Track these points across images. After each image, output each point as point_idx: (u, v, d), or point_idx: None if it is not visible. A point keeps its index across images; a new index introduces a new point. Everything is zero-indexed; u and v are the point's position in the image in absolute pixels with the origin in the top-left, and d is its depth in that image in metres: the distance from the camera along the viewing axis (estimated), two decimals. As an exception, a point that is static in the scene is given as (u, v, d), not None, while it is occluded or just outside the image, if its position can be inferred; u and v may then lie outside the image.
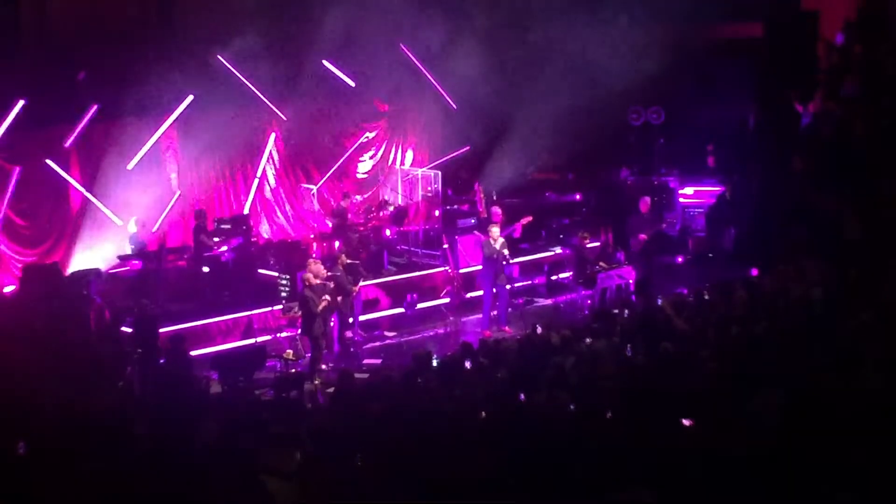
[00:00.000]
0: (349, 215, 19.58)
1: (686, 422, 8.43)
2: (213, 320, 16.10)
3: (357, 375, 12.46)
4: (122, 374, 13.48)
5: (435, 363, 12.06)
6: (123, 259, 17.05)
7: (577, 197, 21.65)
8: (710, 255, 19.73)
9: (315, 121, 20.51)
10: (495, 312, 16.64)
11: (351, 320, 16.03)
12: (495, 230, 16.52)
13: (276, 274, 17.66)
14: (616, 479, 7.02)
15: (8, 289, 16.45)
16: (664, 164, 21.65)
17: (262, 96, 18.64)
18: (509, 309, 16.89)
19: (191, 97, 17.77)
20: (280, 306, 16.39)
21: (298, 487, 8.24)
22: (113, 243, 17.76)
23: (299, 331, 15.14)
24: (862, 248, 16.47)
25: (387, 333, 16.80)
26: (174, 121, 18.02)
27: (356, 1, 18.41)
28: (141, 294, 15.70)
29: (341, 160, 20.81)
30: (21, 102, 16.18)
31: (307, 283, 14.76)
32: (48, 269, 16.20)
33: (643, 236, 17.66)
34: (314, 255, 17.12)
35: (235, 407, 12.26)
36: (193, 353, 14.32)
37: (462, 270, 18.50)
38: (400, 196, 19.99)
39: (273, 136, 20.00)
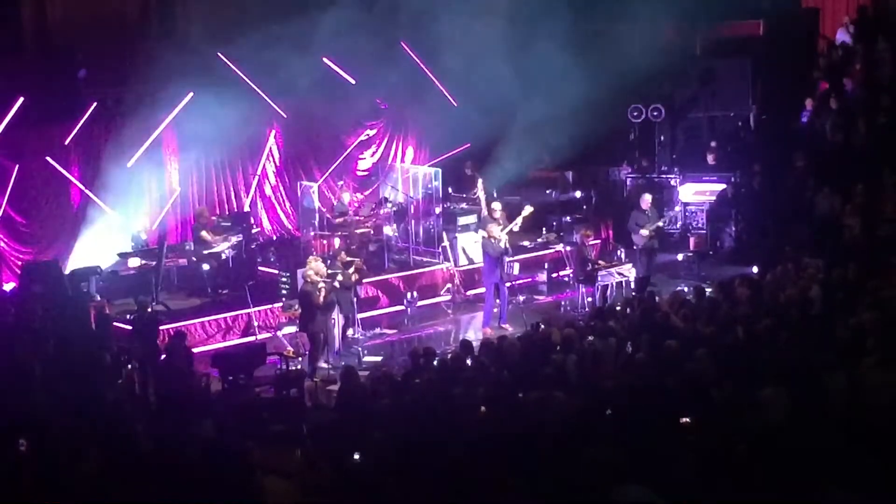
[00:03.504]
0: (349, 213, 19.58)
1: (684, 420, 8.44)
2: (213, 318, 16.09)
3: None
4: (122, 372, 13.48)
5: (434, 362, 12.04)
6: (123, 256, 17.04)
7: (578, 194, 21.64)
8: (711, 252, 19.72)
9: (315, 118, 20.50)
10: (496, 310, 16.64)
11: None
12: (496, 229, 16.50)
13: (276, 271, 17.67)
14: (615, 477, 7.01)
15: (8, 286, 16.43)
16: (665, 161, 21.65)
17: (262, 93, 18.63)
18: (510, 306, 16.89)
19: (190, 94, 17.74)
20: (280, 304, 16.39)
21: (299, 486, 8.23)
22: (113, 241, 17.76)
23: (299, 328, 15.16)
24: (862, 246, 16.47)
25: (387, 331, 16.80)
26: (174, 118, 17.99)
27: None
28: (141, 291, 15.69)
29: (341, 157, 20.80)
30: (21, 99, 16.16)
31: (307, 281, 14.77)
32: (48, 267, 16.19)
33: (644, 233, 17.64)
34: (314, 253, 17.12)
35: (236, 405, 12.27)
36: (194, 350, 14.34)
37: (462, 268, 18.52)
38: (400, 194, 19.98)
39: (273, 133, 19.99)
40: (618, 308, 14.34)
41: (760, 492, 6.95)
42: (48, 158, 17.01)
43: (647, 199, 18.05)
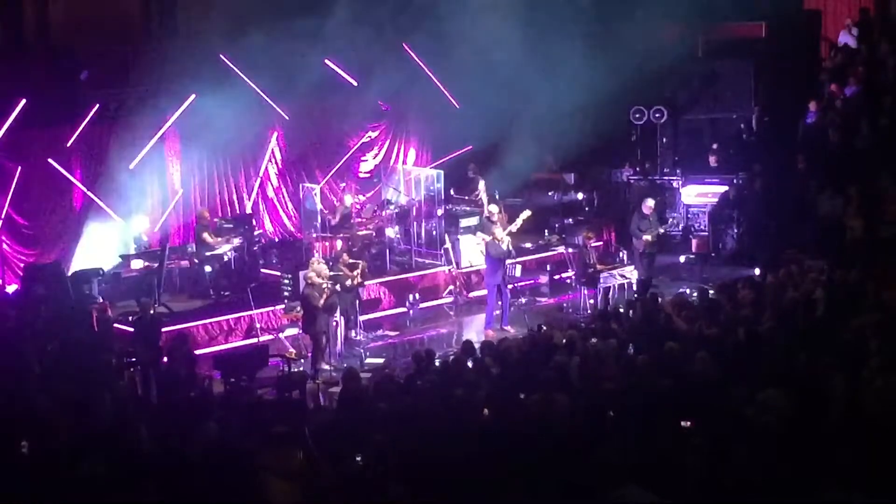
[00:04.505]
0: (351, 215, 19.58)
1: (685, 423, 8.43)
2: (215, 320, 16.10)
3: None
4: (124, 374, 13.48)
5: (437, 363, 12.04)
6: (125, 258, 17.05)
7: (580, 196, 21.64)
8: (713, 254, 19.71)
9: (317, 120, 20.51)
10: (498, 312, 16.63)
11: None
12: (498, 230, 16.48)
13: (278, 273, 17.67)
14: (616, 478, 7.02)
15: (10, 288, 16.44)
16: (667, 163, 21.64)
17: (264, 95, 18.64)
18: (512, 308, 16.88)
19: (193, 96, 17.75)
20: (282, 305, 16.39)
21: (300, 487, 8.23)
22: (115, 242, 17.78)
23: (301, 330, 15.17)
24: (864, 247, 16.46)
25: (389, 333, 16.81)
26: (176, 120, 18.01)
27: (358, -1, 18.45)
28: (143, 294, 15.69)
29: (344, 159, 20.82)
30: (23, 101, 16.16)
31: (309, 283, 14.78)
32: (50, 269, 16.20)
33: (647, 238, 17.62)
34: (316, 255, 17.13)
35: (238, 406, 12.26)
36: (196, 352, 14.33)
37: (463, 270, 18.52)
38: (402, 196, 19.99)
39: (275, 135, 20.00)
40: (620, 310, 14.34)
41: (761, 492, 6.95)
42: (50, 160, 17.02)
43: (649, 203, 18.01)
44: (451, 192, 20.17)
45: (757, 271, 16.58)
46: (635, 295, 16.67)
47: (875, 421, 7.93)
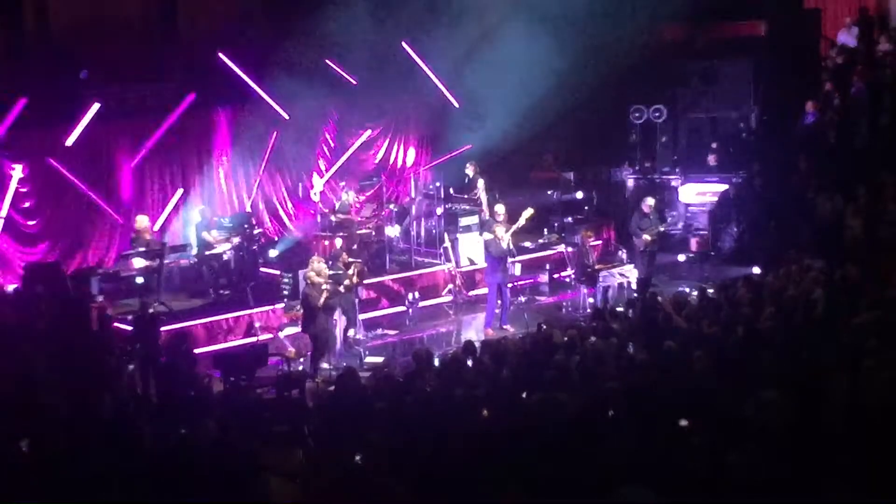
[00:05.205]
0: (351, 213, 19.58)
1: (683, 422, 8.43)
2: (214, 318, 16.09)
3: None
4: (124, 373, 13.48)
5: (436, 362, 12.04)
6: (125, 257, 17.04)
7: (580, 195, 21.64)
8: (712, 253, 19.72)
9: (317, 119, 20.51)
10: (498, 311, 16.64)
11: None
12: (500, 230, 16.49)
13: (278, 272, 17.67)
14: (616, 479, 7.01)
15: (10, 287, 16.43)
16: (666, 162, 21.64)
17: (264, 94, 18.63)
18: (511, 307, 16.88)
19: (192, 95, 17.74)
20: (282, 304, 16.39)
21: (300, 486, 8.24)
22: (115, 241, 17.78)
23: (301, 329, 15.17)
24: (864, 247, 16.45)
25: (388, 332, 16.81)
26: (176, 119, 18.00)
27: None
28: (143, 292, 15.69)
29: (343, 158, 20.81)
30: (23, 101, 16.16)
31: (309, 282, 14.79)
32: (50, 268, 16.21)
33: (647, 238, 17.62)
34: (316, 254, 17.13)
35: (237, 406, 12.26)
36: (196, 351, 14.33)
37: (463, 268, 18.51)
38: (401, 194, 20.00)
39: (275, 133, 19.98)
40: (619, 309, 14.34)
41: (761, 493, 6.95)
42: (50, 160, 17.01)
43: (648, 202, 18.03)
44: (451, 191, 20.17)
45: (757, 270, 16.60)
46: (635, 294, 16.67)
47: (875, 421, 7.93)
